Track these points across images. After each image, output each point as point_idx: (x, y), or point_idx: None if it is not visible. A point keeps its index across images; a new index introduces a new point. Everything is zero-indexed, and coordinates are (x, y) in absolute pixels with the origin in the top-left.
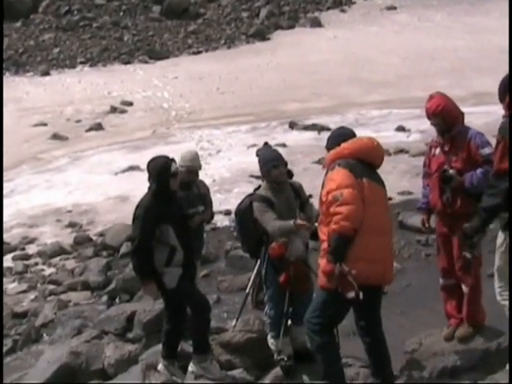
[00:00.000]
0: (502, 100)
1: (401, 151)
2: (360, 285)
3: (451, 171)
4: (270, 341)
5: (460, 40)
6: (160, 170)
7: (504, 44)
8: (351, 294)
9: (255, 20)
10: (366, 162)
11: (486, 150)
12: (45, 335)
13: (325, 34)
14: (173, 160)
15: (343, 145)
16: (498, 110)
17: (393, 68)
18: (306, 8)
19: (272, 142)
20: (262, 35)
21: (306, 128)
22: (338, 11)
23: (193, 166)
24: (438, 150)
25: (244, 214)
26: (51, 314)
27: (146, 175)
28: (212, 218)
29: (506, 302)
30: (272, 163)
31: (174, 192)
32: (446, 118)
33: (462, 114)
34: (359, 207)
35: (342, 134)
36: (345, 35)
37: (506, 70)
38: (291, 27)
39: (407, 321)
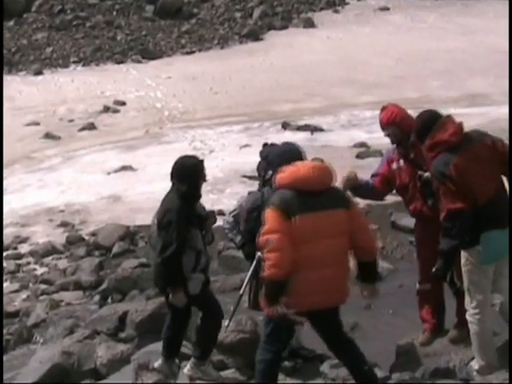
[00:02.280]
0: (421, 141)
1: None
2: (304, 313)
3: (426, 174)
4: None
5: (453, 41)
6: (192, 170)
7: (497, 45)
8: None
9: (248, 20)
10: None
11: None
12: (36, 335)
13: (318, 35)
14: (202, 161)
15: (281, 173)
16: (491, 112)
17: (386, 69)
18: (299, 8)
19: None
20: (255, 35)
21: (299, 128)
22: (332, 12)
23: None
24: (401, 162)
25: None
26: (43, 314)
27: (138, 175)
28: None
29: (472, 319)
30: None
31: (201, 195)
32: (401, 125)
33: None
34: (287, 253)
35: (281, 155)
36: (338, 36)
37: (498, 71)
38: (284, 27)
39: (399, 321)
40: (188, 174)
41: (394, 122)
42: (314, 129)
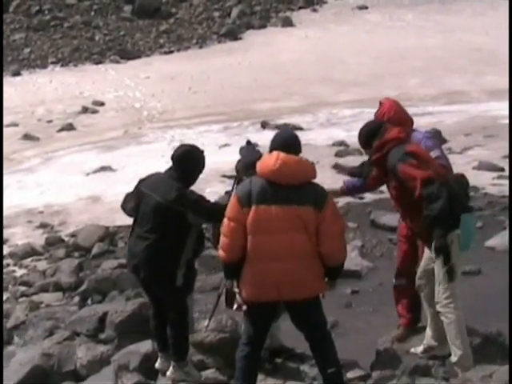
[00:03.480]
0: (365, 147)
1: None
2: (255, 303)
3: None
4: None
5: (431, 39)
6: (201, 163)
7: (475, 43)
8: (235, 306)
9: (227, 19)
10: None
11: (436, 152)
12: (16, 337)
13: (296, 34)
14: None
15: (259, 161)
16: (470, 109)
17: (364, 67)
18: (277, 7)
19: (244, 142)
20: (233, 35)
21: (278, 127)
22: (310, 11)
23: None
24: None
25: None
26: (23, 316)
27: (117, 175)
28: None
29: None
30: None
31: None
32: (390, 120)
33: (411, 119)
34: (234, 240)
35: (275, 142)
36: (316, 34)
37: (476, 69)
38: (263, 27)
39: (379, 319)
40: (197, 164)
41: (383, 120)
42: (292, 128)
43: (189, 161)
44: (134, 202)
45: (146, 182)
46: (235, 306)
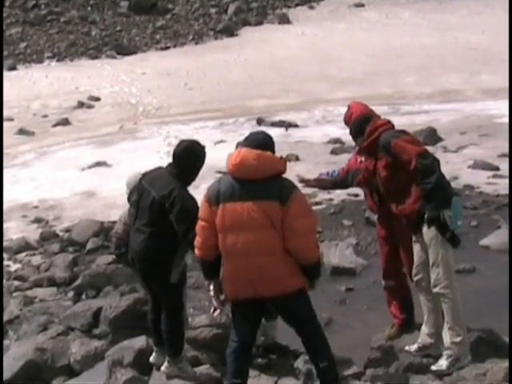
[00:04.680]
0: (357, 135)
1: None
2: (233, 300)
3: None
4: None
5: (427, 37)
6: (201, 159)
7: (471, 42)
8: (211, 310)
9: (223, 16)
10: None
11: None
12: (10, 331)
13: (293, 31)
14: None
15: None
16: (465, 108)
17: (360, 65)
18: (274, 4)
19: (240, 138)
20: (230, 31)
21: (274, 124)
22: (307, 8)
23: None
24: (363, 158)
25: None
26: (17, 310)
27: (112, 171)
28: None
29: (445, 291)
30: None
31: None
32: (354, 125)
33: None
34: (206, 239)
35: (244, 139)
36: (313, 32)
37: (472, 68)
38: (259, 23)
39: (374, 317)
40: (199, 161)
41: (351, 122)
42: (288, 125)
43: (188, 157)
44: (136, 196)
45: (148, 176)
46: (211, 310)
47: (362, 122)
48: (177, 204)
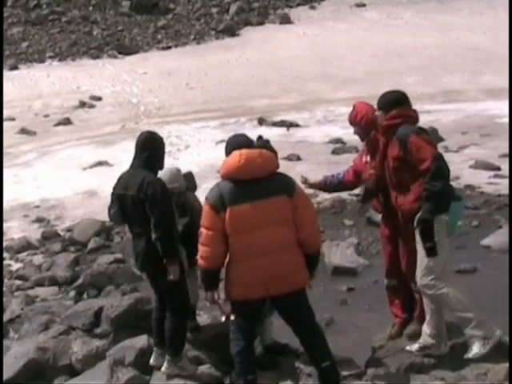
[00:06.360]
0: (383, 108)
1: None
2: (241, 302)
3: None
4: None
5: (429, 37)
6: (162, 146)
7: (472, 42)
8: (222, 318)
9: (225, 16)
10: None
11: None
12: (11, 331)
13: (294, 31)
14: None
15: (221, 166)
16: (467, 108)
17: (362, 65)
18: (275, 4)
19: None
20: (231, 31)
21: (275, 124)
22: (308, 8)
23: (176, 188)
24: (368, 157)
25: None
26: (18, 310)
27: (114, 170)
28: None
29: (444, 290)
30: None
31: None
32: (362, 125)
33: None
34: (214, 248)
35: (230, 144)
36: (314, 32)
37: (473, 68)
38: (261, 23)
39: (375, 317)
40: (158, 147)
41: (356, 122)
42: (289, 124)
43: (149, 143)
44: (114, 207)
45: (118, 184)
46: (223, 318)
47: (395, 102)
48: (149, 190)
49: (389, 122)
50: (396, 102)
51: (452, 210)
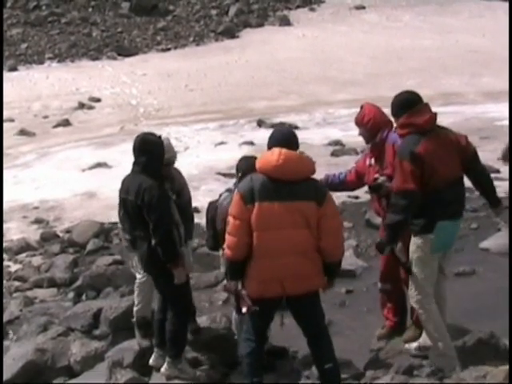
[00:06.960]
0: (396, 116)
1: None
2: (258, 299)
3: (381, 178)
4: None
5: (428, 40)
6: (159, 148)
7: (472, 44)
8: (244, 309)
9: (224, 18)
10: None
11: None
12: (10, 332)
13: (294, 33)
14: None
15: (259, 158)
16: (466, 110)
17: (361, 67)
18: (275, 6)
19: (240, 140)
20: (230, 33)
21: (274, 126)
22: (307, 10)
23: (167, 159)
24: (372, 160)
25: None
26: (17, 311)
27: (113, 172)
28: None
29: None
30: None
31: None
32: (368, 127)
33: (391, 122)
34: (240, 238)
35: (274, 137)
36: (314, 34)
37: (473, 70)
38: (260, 25)
39: (373, 319)
40: (156, 151)
41: (363, 124)
42: (289, 126)
43: (145, 146)
44: (121, 211)
45: (122, 188)
46: (244, 309)
47: (404, 105)
48: (146, 196)
49: (399, 132)
50: (403, 107)
51: (440, 229)
